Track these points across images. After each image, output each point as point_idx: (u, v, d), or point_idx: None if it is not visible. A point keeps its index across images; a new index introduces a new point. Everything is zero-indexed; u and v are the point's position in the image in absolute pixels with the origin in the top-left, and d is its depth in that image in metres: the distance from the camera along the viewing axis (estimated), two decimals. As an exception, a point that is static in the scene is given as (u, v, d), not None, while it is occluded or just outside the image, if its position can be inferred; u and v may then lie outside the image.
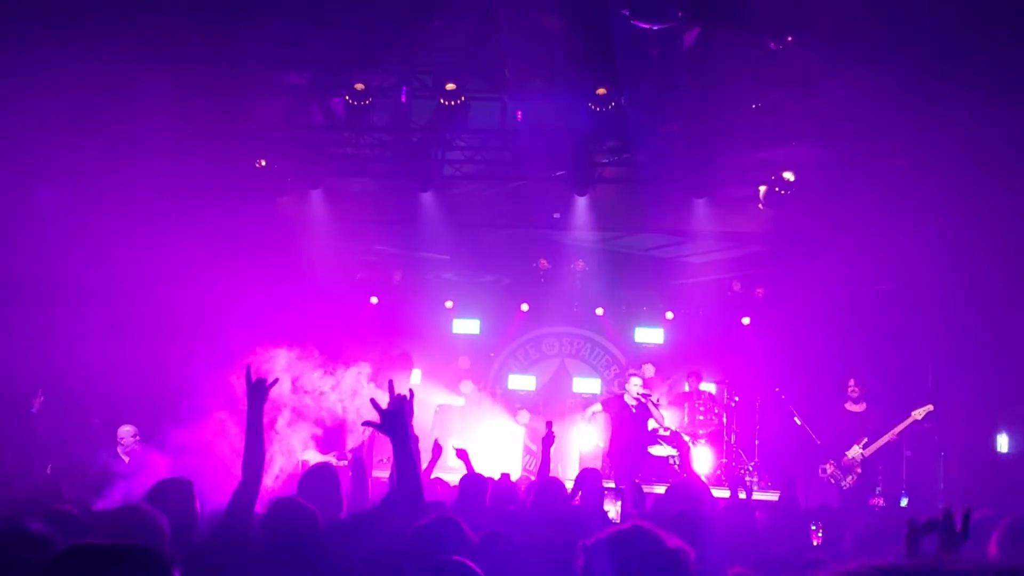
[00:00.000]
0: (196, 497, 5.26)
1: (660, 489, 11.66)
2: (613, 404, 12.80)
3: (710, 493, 10.43)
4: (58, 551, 2.60)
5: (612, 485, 11.28)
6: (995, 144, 11.42)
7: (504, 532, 4.82)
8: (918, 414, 11.57)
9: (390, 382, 4.55)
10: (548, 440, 8.15)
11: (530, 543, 4.92)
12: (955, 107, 10.73)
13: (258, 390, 4.53)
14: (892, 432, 11.73)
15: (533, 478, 11.55)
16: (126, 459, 10.53)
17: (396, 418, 4.32)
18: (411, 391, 4.46)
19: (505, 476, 9.39)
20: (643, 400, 12.52)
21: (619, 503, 9.30)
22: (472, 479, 7.69)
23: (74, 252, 12.94)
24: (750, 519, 7.87)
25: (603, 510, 8.39)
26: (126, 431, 11.08)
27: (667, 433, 14.96)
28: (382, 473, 9.15)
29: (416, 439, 4.43)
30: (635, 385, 12.59)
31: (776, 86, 11.76)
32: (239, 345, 14.50)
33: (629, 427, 12.51)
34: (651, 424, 13.92)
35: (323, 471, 6.09)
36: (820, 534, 7.76)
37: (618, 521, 9.02)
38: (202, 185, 12.94)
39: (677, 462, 14.25)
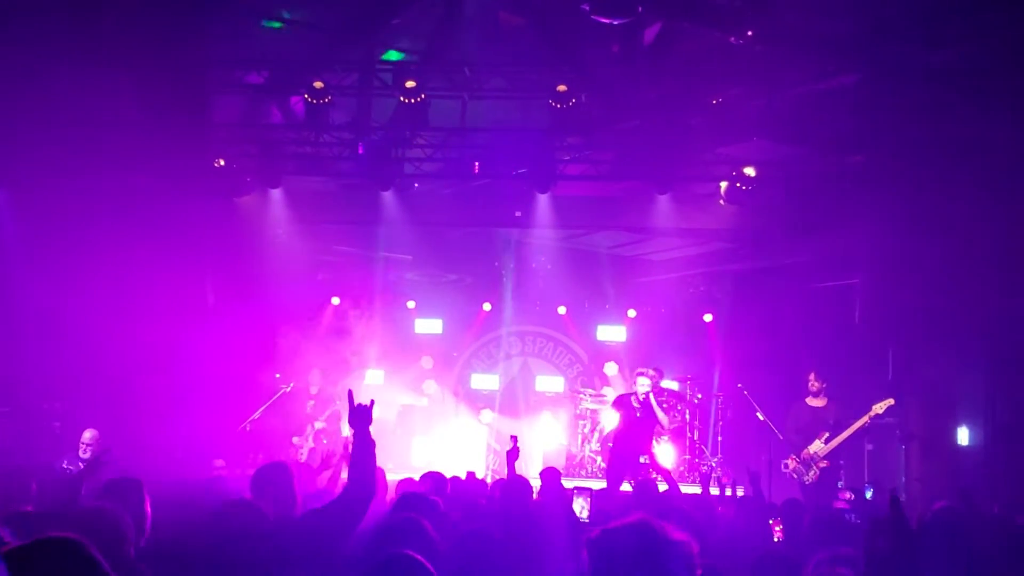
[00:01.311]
0: (147, 496, 5.23)
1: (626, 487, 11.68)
2: (621, 402, 12.76)
3: (679, 490, 10.46)
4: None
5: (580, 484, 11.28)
6: (955, 139, 11.53)
7: (484, 529, 4.78)
8: (879, 408, 11.62)
9: (349, 392, 4.74)
10: (513, 454, 8.09)
11: (503, 539, 4.87)
12: (915, 102, 10.81)
13: (361, 413, 4.61)
14: (853, 427, 11.78)
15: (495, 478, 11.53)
16: (81, 465, 10.38)
17: (364, 413, 4.56)
18: (372, 401, 4.65)
19: (471, 474, 9.35)
20: (646, 400, 12.48)
21: (588, 500, 9.28)
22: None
23: (28, 253, 12.76)
24: (727, 514, 7.89)
25: (567, 508, 8.35)
26: (89, 436, 10.93)
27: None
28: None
29: (373, 443, 4.49)
30: (642, 385, 12.55)
31: (737, 81, 11.79)
32: (197, 346, 14.45)
33: (630, 426, 12.49)
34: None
35: (275, 469, 6.01)
36: (779, 528, 7.78)
37: (585, 519, 9.01)
38: (160, 185, 12.78)
39: (647, 459, 14.27)
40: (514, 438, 8.44)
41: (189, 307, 13.79)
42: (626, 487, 11.71)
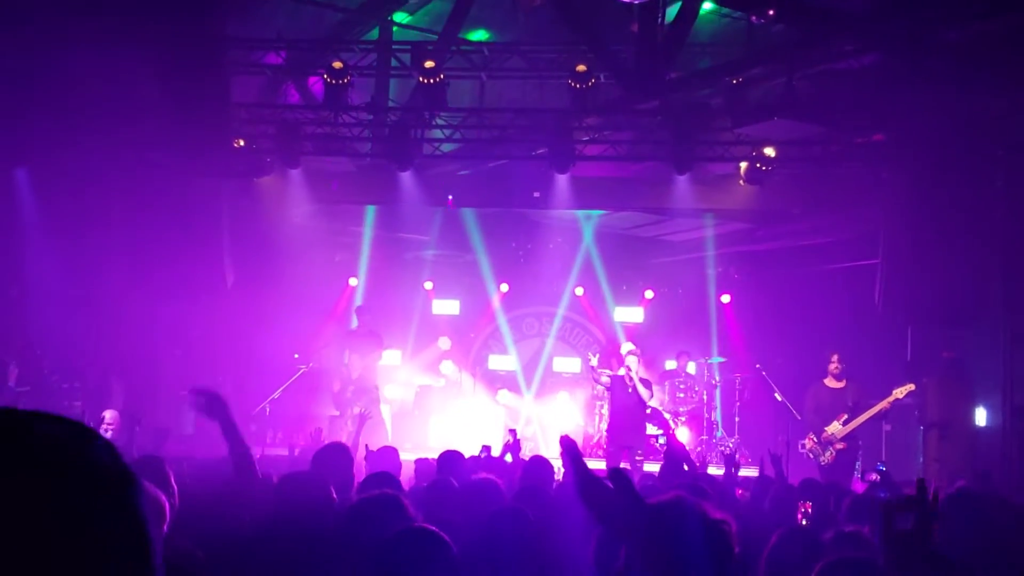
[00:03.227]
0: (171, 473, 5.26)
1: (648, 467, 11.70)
2: (617, 382, 12.79)
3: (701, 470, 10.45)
4: None
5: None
6: (977, 117, 11.46)
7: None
8: (899, 393, 11.59)
9: (194, 388, 5.06)
10: (515, 448, 8.08)
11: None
12: (937, 80, 10.73)
13: (215, 402, 4.84)
14: (872, 410, 11.77)
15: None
16: None
17: (217, 401, 4.81)
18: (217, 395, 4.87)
19: (487, 448, 9.28)
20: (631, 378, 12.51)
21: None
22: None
23: (49, 232, 12.84)
24: (749, 495, 7.89)
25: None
26: (109, 416, 10.97)
27: (648, 412, 14.99)
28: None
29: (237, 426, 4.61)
30: (633, 362, 12.57)
31: (757, 61, 11.72)
32: (216, 325, 14.55)
33: (627, 404, 12.52)
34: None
35: (337, 450, 6.05)
36: (806, 509, 7.78)
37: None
38: (179, 165, 12.84)
39: (662, 442, 14.28)
40: (513, 431, 8.45)
41: (208, 287, 13.86)
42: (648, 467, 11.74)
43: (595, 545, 4.38)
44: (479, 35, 14.38)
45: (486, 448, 8.98)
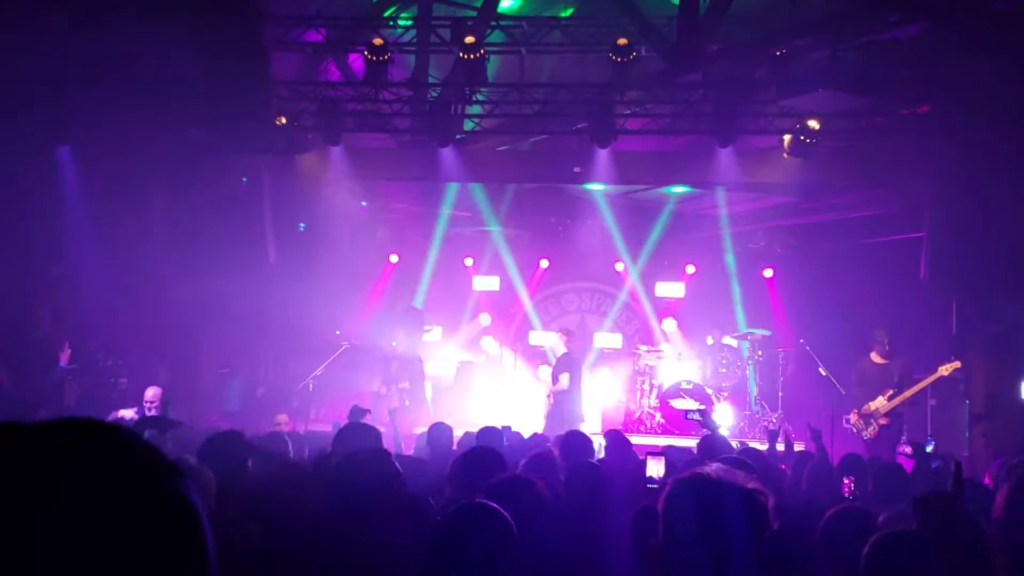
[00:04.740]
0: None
1: (683, 443, 11.64)
2: (572, 362, 13.17)
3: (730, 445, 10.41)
4: None
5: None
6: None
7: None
8: (944, 370, 11.50)
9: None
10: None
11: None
12: (982, 50, 10.55)
13: None
14: (917, 386, 11.70)
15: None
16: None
17: None
18: None
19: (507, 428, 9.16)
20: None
21: (661, 462, 9.26)
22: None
23: (93, 209, 12.96)
24: (791, 470, 7.85)
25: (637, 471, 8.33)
26: (151, 393, 11.10)
27: (690, 387, 14.96)
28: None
29: None
30: (556, 342, 13.31)
31: (800, 32, 11.56)
32: (258, 302, 14.65)
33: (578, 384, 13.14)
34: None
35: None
36: (850, 483, 7.72)
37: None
38: (222, 142, 12.91)
39: (697, 416, 14.23)
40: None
41: (250, 264, 13.96)
42: (683, 442, 11.69)
43: (632, 520, 4.38)
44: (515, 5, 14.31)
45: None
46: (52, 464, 0.94)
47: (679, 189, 16.75)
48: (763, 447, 9.12)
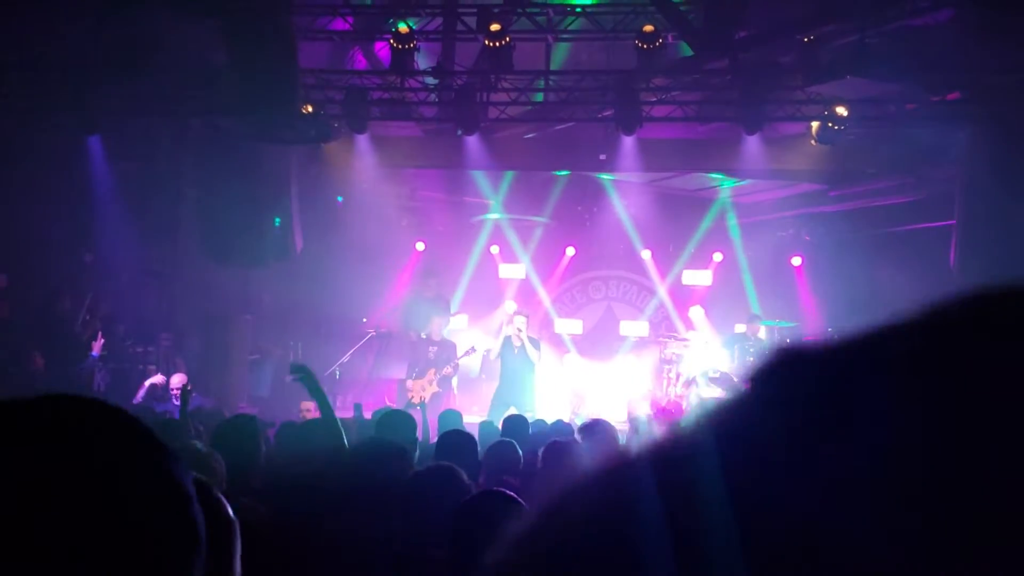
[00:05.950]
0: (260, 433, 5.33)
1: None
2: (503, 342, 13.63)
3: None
4: None
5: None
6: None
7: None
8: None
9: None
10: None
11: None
12: (1014, 36, 10.42)
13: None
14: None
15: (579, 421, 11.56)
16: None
17: None
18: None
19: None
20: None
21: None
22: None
23: (123, 197, 13.07)
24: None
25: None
26: (176, 380, 11.20)
27: (717, 375, 14.87)
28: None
29: None
30: (522, 323, 13.54)
31: (829, 18, 11.47)
32: (286, 290, 14.72)
33: (510, 363, 13.53)
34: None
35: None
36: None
37: None
38: (249, 130, 12.96)
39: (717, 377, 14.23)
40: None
41: (277, 251, 14.02)
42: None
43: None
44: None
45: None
46: (35, 439, 0.95)
47: (724, 180, 16.64)
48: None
